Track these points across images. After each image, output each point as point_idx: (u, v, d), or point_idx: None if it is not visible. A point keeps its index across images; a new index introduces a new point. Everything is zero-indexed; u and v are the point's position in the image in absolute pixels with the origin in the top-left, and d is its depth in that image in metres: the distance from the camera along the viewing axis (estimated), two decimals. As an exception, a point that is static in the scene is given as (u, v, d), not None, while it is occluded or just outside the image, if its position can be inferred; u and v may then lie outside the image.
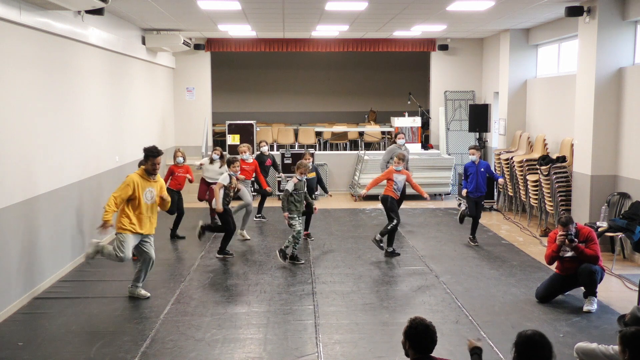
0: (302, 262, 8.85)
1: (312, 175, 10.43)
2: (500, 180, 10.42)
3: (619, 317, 6.45)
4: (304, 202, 9.03)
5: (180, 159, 10.36)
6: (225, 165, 10.99)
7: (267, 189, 11.00)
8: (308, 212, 9.78)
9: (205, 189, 10.86)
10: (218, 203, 8.87)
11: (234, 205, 9.61)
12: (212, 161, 10.88)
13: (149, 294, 7.38)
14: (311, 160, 10.50)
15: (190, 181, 10.62)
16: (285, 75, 20.00)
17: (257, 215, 11.90)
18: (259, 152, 11.88)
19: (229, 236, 9.18)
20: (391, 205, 9.31)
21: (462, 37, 15.51)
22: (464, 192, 9.97)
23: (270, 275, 8.36)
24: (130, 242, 7.11)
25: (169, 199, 7.56)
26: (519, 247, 9.85)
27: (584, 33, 9.85)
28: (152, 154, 7.23)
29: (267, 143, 11.83)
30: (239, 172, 9.37)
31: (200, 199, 11.10)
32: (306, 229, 10.24)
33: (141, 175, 7.19)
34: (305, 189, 9.08)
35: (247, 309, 7.03)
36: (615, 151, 9.59)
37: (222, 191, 8.91)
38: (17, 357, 5.74)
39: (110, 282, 8.02)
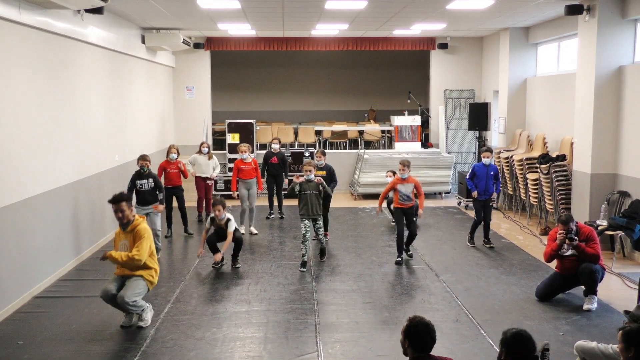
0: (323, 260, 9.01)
1: (322, 173, 10.26)
2: (494, 195, 9.80)
3: (625, 311, 6.46)
4: (315, 202, 8.65)
5: (174, 155, 10.41)
6: (214, 159, 11.52)
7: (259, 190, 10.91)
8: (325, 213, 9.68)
9: (203, 185, 11.46)
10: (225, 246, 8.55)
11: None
12: (200, 153, 11.49)
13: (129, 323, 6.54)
14: (323, 159, 10.32)
15: (185, 176, 10.62)
16: (285, 74, 19.98)
17: (280, 213, 12.09)
18: (270, 149, 11.85)
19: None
20: (396, 216, 9.03)
21: (462, 36, 15.50)
22: (475, 193, 9.56)
23: (270, 274, 8.36)
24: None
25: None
26: (518, 246, 9.85)
27: (583, 31, 9.85)
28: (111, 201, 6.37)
29: (279, 141, 11.91)
30: (218, 215, 8.59)
31: (201, 197, 11.54)
32: (325, 229, 9.81)
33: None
34: (316, 189, 8.67)
35: (247, 307, 7.03)
36: (615, 149, 9.59)
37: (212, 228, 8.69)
38: (17, 356, 5.75)
39: (110, 281, 8.02)
